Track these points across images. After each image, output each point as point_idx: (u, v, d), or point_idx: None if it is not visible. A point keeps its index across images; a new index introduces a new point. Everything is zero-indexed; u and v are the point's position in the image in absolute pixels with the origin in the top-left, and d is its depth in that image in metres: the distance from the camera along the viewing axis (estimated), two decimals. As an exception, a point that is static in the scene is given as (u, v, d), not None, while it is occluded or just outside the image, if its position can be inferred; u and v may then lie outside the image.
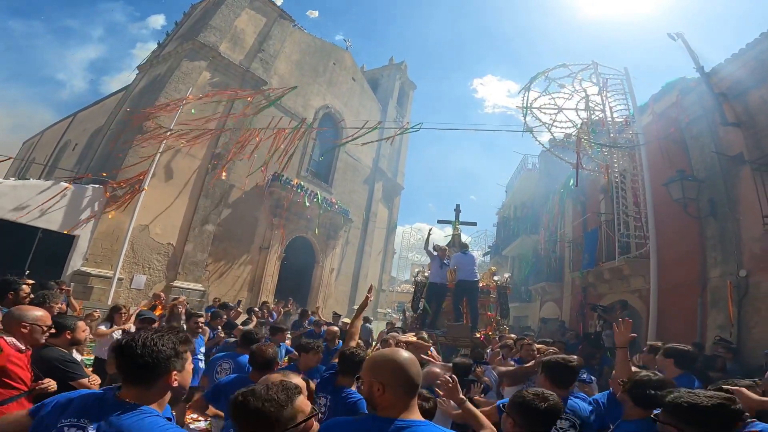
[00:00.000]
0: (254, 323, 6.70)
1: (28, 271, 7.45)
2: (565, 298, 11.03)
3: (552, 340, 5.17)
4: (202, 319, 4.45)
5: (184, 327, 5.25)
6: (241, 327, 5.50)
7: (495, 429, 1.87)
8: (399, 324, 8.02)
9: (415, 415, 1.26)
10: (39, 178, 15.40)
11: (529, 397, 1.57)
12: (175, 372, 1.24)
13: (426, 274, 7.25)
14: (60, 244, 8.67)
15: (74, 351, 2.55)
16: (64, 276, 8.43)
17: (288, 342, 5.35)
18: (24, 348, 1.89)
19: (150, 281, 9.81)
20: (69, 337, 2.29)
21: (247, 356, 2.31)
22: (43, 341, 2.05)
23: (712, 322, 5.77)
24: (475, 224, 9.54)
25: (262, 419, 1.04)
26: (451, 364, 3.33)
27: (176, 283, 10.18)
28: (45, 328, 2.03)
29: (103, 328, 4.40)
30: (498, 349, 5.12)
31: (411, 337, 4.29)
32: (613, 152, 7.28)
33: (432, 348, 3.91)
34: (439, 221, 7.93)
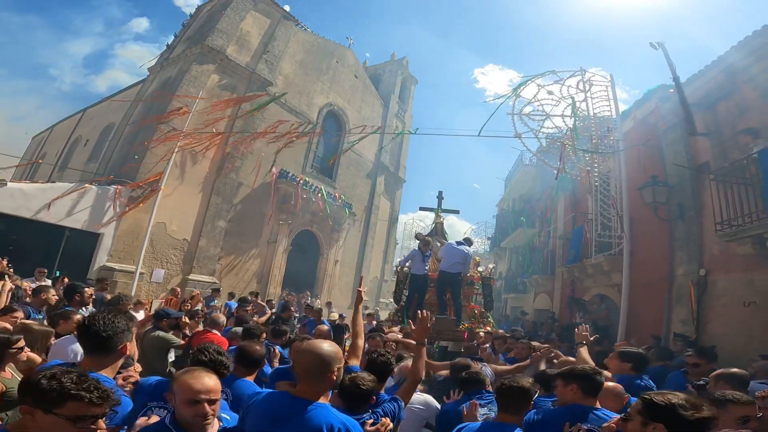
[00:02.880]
0: (268, 315, 7.25)
1: (57, 272, 8.25)
2: (556, 290, 11.61)
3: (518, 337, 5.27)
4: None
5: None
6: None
7: None
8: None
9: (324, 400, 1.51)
10: (51, 174, 16.25)
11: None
12: (128, 342, 1.64)
13: (408, 264, 7.03)
14: (86, 241, 9.49)
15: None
16: (90, 272, 9.27)
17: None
18: None
19: (168, 275, 10.65)
20: None
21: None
22: None
23: (677, 317, 6.35)
24: (457, 212, 9.41)
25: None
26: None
27: (191, 277, 11.02)
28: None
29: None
30: (486, 346, 5.09)
31: (398, 334, 4.46)
32: (595, 157, 7.76)
33: None
34: (421, 208, 7.84)
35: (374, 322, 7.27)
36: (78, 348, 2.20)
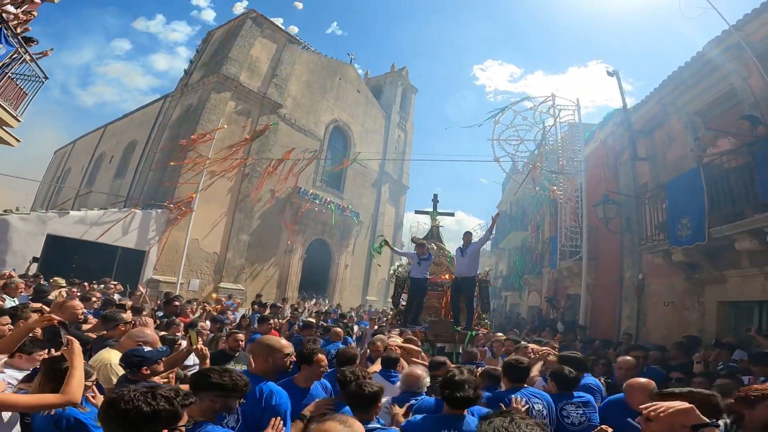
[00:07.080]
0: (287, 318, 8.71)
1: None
2: (544, 289, 12.89)
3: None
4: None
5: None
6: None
7: None
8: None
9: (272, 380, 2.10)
10: (77, 193, 17.70)
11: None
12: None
13: (406, 261, 6.96)
14: (135, 258, 11.28)
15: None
16: (140, 283, 11.04)
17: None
18: None
19: (202, 284, 12.41)
20: None
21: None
22: None
23: (624, 314, 7.62)
24: (452, 215, 9.91)
25: None
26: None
27: (222, 285, 12.75)
28: None
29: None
30: (485, 348, 5.16)
31: (400, 339, 4.30)
32: (560, 177, 9.00)
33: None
34: (417, 212, 8.19)
35: (376, 326, 7.76)
36: None
